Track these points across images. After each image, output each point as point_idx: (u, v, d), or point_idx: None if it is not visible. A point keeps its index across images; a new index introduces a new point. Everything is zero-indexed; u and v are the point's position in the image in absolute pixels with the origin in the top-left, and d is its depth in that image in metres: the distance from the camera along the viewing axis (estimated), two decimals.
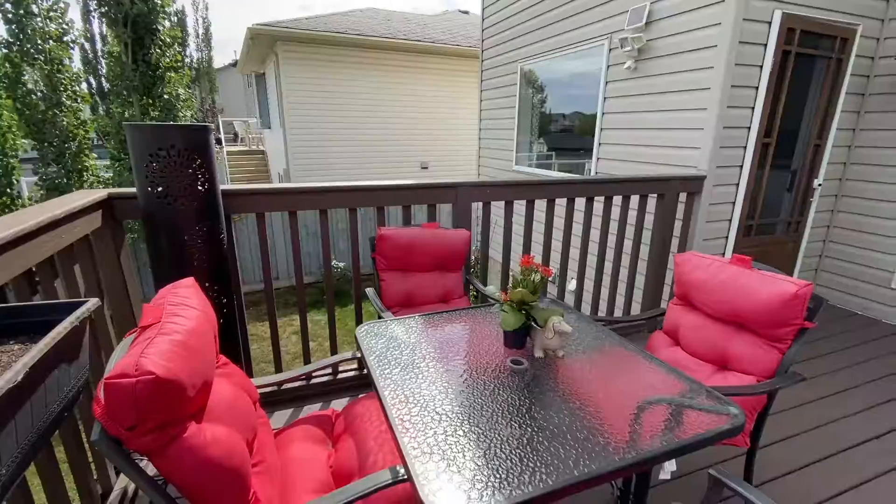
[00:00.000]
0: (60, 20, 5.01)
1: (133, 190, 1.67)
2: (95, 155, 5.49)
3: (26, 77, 4.90)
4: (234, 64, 22.29)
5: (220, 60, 26.69)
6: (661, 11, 2.89)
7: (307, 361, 2.18)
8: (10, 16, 4.69)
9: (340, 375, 2.15)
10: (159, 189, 1.51)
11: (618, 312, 2.75)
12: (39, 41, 4.79)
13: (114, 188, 1.75)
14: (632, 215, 2.51)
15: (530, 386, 1.13)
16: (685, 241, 2.69)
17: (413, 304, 2.04)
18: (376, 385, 1.10)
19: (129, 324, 1.76)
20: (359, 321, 2.17)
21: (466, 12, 12.91)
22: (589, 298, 2.67)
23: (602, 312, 2.89)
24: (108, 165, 5.51)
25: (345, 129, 8.93)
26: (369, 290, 2.02)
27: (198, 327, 0.94)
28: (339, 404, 2.02)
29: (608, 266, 2.57)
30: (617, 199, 2.47)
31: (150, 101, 5.17)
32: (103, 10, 4.71)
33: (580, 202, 2.40)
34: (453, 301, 2.10)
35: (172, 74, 5.25)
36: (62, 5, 5.04)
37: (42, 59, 4.84)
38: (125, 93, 5.12)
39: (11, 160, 4.94)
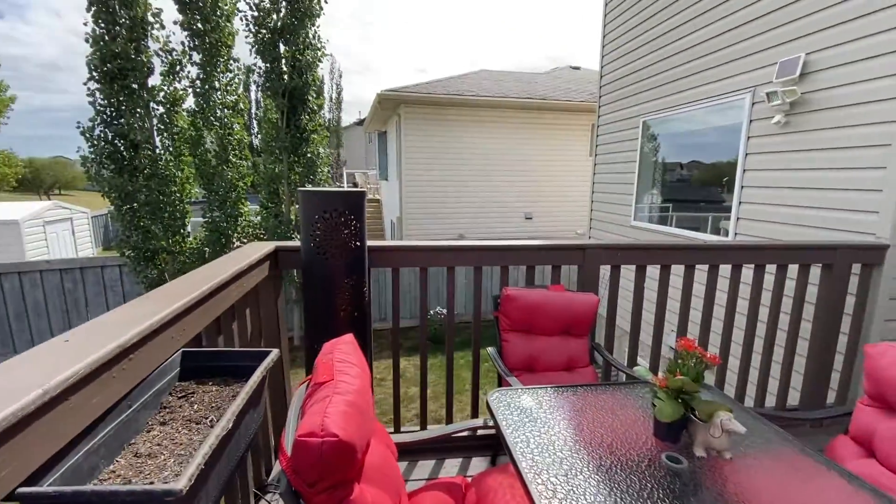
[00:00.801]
0: (235, 93, 6.14)
1: (295, 243, 1.90)
2: (249, 203, 6.45)
3: (205, 139, 6.04)
4: (360, 122, 25.15)
5: (345, 119, 30.38)
6: (822, 62, 2.62)
7: (449, 419, 2.21)
8: (198, 90, 5.87)
9: (460, 434, 2.13)
10: (320, 245, 1.71)
11: (769, 400, 2.36)
12: (218, 110, 5.88)
13: (279, 241, 2.00)
14: (789, 286, 2.19)
15: (691, 491, 0.99)
16: (860, 322, 2.26)
17: (536, 369, 1.97)
18: (518, 466, 1.05)
19: (281, 365, 1.96)
20: (476, 380, 2.16)
21: (577, 68, 13.12)
22: (734, 381, 2.34)
23: (750, 398, 2.50)
24: (258, 212, 6.41)
25: (455, 181, 9.41)
26: (490, 350, 2.00)
27: (362, 386, 1.00)
28: (456, 463, 1.98)
29: (758, 343, 2.25)
30: (770, 268, 2.18)
31: (296, 159, 5.97)
32: (267, 84, 5.64)
33: (724, 269, 2.16)
34: (578, 369, 1.99)
35: (315, 136, 6.04)
36: (237, 81, 6.20)
37: (218, 124, 5.92)
38: (277, 152, 5.98)
39: (187, 206, 6.03)
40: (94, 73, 5.27)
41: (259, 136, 7.68)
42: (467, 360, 5.55)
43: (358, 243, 1.76)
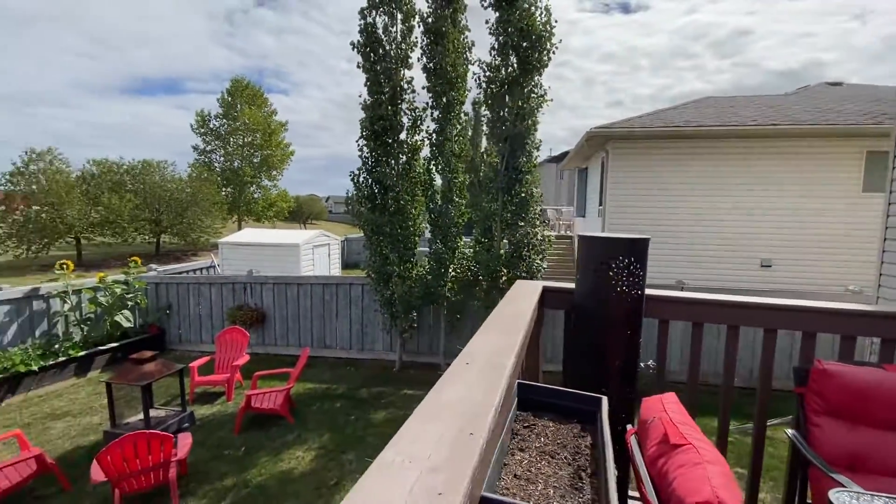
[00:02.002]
0: (462, 143, 6.93)
1: (561, 285, 1.97)
2: (464, 237, 7.10)
3: (437, 182, 6.95)
4: (553, 159, 25.54)
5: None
6: None
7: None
8: (433, 140, 6.79)
9: None
10: (599, 291, 1.74)
11: None
12: (449, 157, 6.69)
13: (546, 282, 2.11)
14: None
15: None
16: None
17: (861, 469, 1.55)
18: None
19: None
20: (758, 468, 1.82)
21: (838, 84, 10.66)
22: None
23: None
24: (471, 245, 7.00)
25: (670, 221, 8.59)
26: (791, 433, 1.66)
27: (719, 456, 0.93)
28: None
29: None
30: None
31: (509, 198, 6.33)
32: (494, 131, 6.18)
33: None
34: None
35: (528, 177, 6.32)
36: (464, 132, 7.00)
37: (448, 169, 6.73)
38: (493, 192, 6.45)
39: (416, 238, 6.98)
40: (364, 132, 6.69)
41: (474, 176, 8.48)
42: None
43: (638, 292, 1.72)
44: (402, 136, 6.80)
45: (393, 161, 6.77)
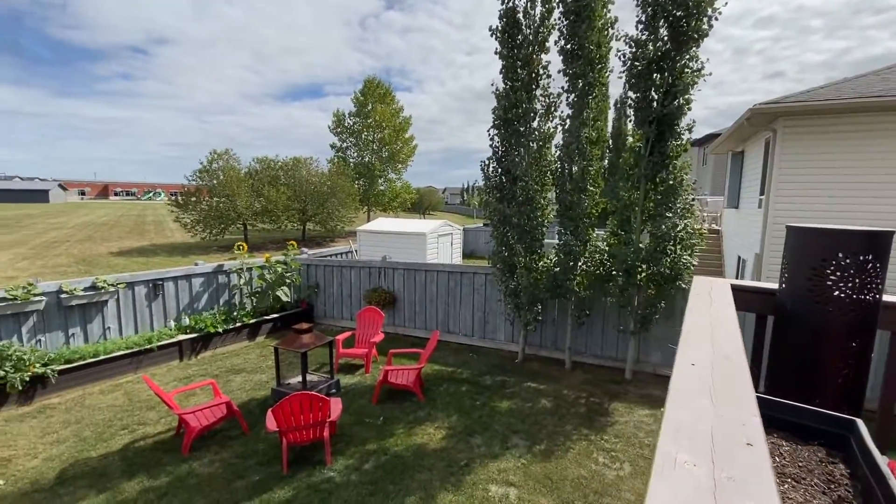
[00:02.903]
0: (600, 128, 6.49)
1: (751, 283, 1.69)
2: (597, 230, 6.69)
3: (567, 170, 6.63)
4: (694, 143, 22.72)
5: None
6: None
7: None
8: (567, 127, 6.46)
9: None
10: (819, 293, 1.45)
11: None
12: (584, 144, 6.33)
13: (733, 280, 1.84)
14: None
15: None
16: None
17: None
18: None
19: None
20: None
21: None
22: None
23: None
24: (605, 238, 6.57)
25: (850, 210, 7.01)
26: None
27: None
28: None
29: None
30: None
31: (653, 186, 5.77)
32: (637, 114, 5.66)
33: None
34: None
35: (677, 162, 5.67)
36: (601, 117, 6.54)
37: (581, 156, 6.37)
38: (634, 179, 5.93)
39: (544, 229, 6.79)
40: (496, 121, 6.68)
41: (611, 163, 7.91)
42: None
43: (874, 297, 1.39)
44: (535, 123, 6.63)
45: (523, 150, 6.65)
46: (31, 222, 38.08)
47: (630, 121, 6.23)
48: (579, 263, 6.47)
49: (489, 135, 6.86)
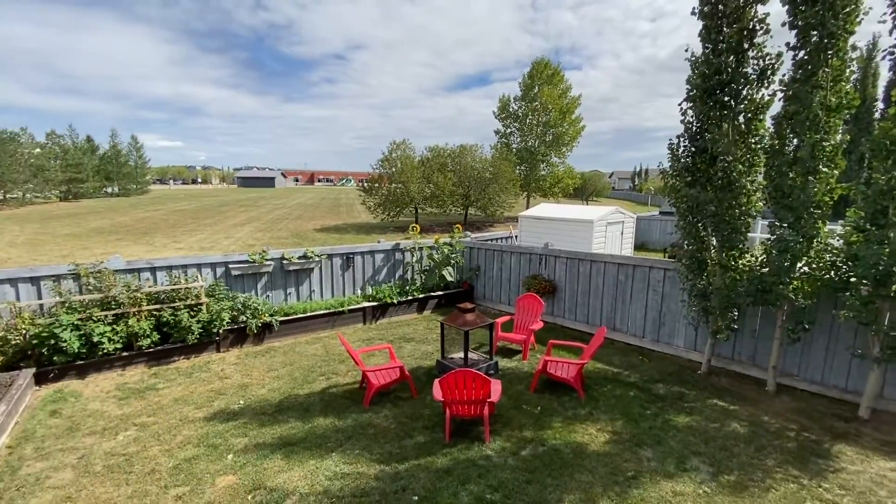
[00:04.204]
0: (843, 91, 4.99)
1: None
2: (828, 224, 5.25)
3: (789, 147, 5.30)
4: None
5: None
6: None
7: None
8: (791, 92, 5.13)
9: None
10: None
11: None
12: (819, 112, 4.96)
13: None
14: None
15: None
16: None
17: None
18: None
19: None
20: None
21: None
22: None
23: None
24: (844, 234, 5.11)
25: None
26: None
27: None
28: None
29: None
30: None
31: None
32: None
33: None
34: None
35: None
36: (847, 74, 5.01)
37: (813, 128, 5.01)
38: None
39: (749, 219, 5.61)
40: (691, 92, 5.73)
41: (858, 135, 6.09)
42: None
43: None
44: (743, 91, 5.48)
45: (726, 124, 5.56)
46: (264, 202, 48.50)
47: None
48: (799, 264, 5.18)
49: (681, 109, 5.94)
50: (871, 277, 4.54)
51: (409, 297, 9.31)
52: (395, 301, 9.00)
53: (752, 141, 5.53)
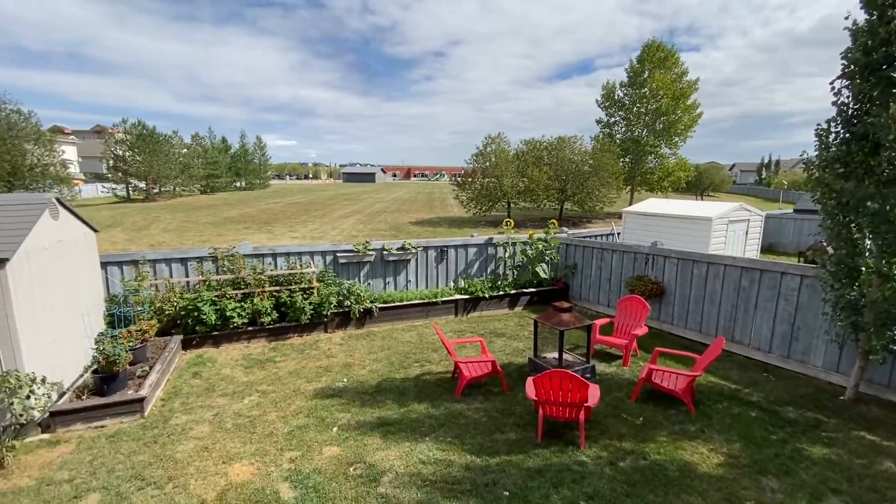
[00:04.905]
0: None
1: None
2: None
3: None
4: None
5: None
6: None
7: None
8: None
9: None
10: None
11: None
12: None
13: None
14: None
15: None
16: None
17: None
18: None
19: None
20: None
21: None
22: None
23: None
24: None
25: None
26: None
27: None
28: None
29: None
30: None
31: None
32: None
33: None
34: None
35: None
36: None
37: None
38: None
39: None
40: (848, 68, 4.83)
41: None
42: None
43: None
44: None
45: (895, 106, 4.58)
46: (365, 196, 51.70)
47: None
48: None
49: (832, 88, 5.03)
50: None
51: (501, 293, 9.25)
52: (486, 295, 9.01)
53: None
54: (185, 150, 52.33)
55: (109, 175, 43.65)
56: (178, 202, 41.64)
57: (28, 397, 4.27)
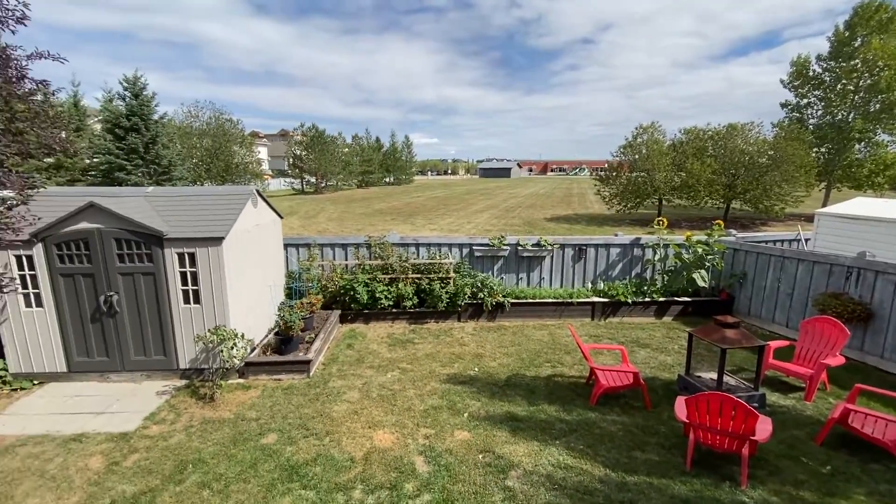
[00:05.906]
0: None
1: None
2: None
3: None
4: None
5: None
6: None
7: None
8: None
9: None
10: None
11: None
12: None
13: None
14: None
15: None
16: None
17: None
18: None
19: None
20: None
21: None
22: None
23: None
24: None
25: None
26: None
27: None
28: None
29: None
30: None
31: None
32: None
33: None
34: None
35: None
36: None
37: None
38: None
39: None
40: None
41: None
42: None
43: None
44: None
45: None
46: (500, 191, 52.13)
47: None
48: None
49: None
50: None
51: (647, 299, 8.41)
52: (629, 300, 8.29)
53: None
54: (346, 149, 59.46)
55: (289, 171, 52.04)
56: (339, 195, 47.61)
57: (232, 348, 5.37)
